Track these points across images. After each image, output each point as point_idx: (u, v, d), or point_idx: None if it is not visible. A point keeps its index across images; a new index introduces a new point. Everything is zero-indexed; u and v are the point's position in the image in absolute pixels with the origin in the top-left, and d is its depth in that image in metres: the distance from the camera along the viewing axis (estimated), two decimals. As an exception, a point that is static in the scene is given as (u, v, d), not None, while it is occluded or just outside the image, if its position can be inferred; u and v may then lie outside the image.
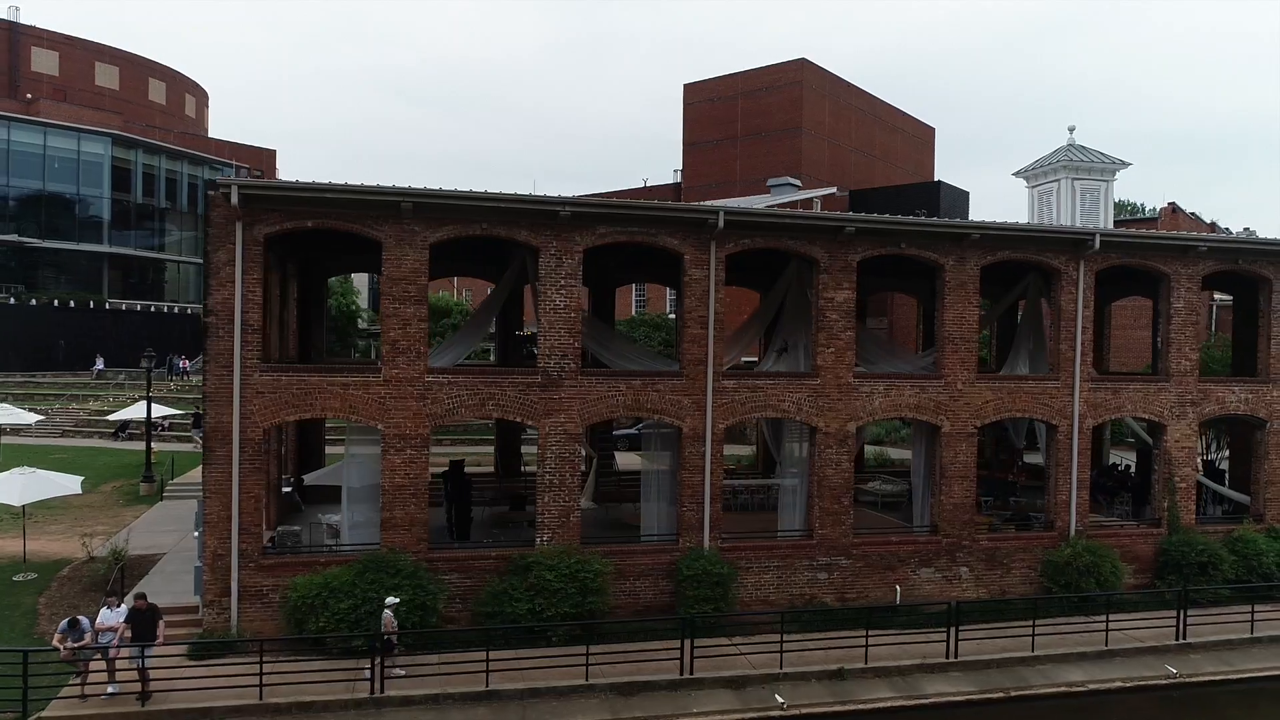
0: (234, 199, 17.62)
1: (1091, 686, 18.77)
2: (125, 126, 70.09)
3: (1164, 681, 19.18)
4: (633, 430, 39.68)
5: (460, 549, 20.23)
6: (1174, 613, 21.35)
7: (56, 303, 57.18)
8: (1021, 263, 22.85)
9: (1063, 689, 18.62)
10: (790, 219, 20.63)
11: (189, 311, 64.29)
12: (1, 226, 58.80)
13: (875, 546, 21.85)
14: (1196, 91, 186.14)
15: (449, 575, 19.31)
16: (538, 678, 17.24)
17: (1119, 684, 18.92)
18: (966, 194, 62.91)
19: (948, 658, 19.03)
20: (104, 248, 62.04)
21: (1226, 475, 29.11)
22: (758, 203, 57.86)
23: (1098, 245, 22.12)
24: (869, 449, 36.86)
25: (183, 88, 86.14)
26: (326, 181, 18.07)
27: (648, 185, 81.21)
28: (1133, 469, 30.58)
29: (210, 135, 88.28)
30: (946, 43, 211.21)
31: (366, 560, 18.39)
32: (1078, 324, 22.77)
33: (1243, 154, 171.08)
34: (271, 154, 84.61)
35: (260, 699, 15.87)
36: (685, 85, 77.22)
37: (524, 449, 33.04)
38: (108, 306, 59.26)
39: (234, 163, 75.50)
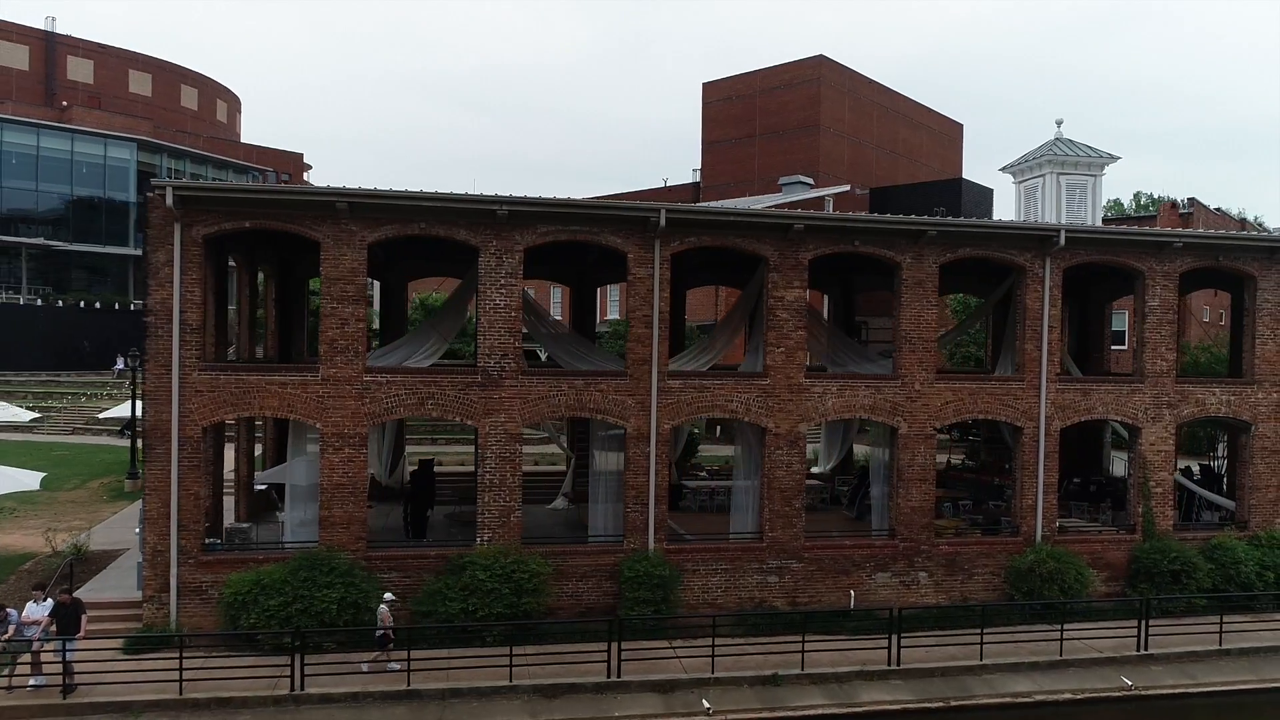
0: (169, 200, 17.88)
1: (1039, 697, 18.16)
2: (155, 132, 71.97)
3: (1118, 694, 18.48)
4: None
5: (399, 548, 20.30)
6: (1142, 622, 20.66)
7: (83, 304, 58.89)
8: (986, 260, 22.23)
9: (1007, 699, 18.05)
10: (734, 216, 20.30)
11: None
12: (32, 230, 60.78)
13: (828, 550, 21.41)
14: (1262, 86, 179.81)
15: (388, 574, 19.36)
16: (463, 678, 17.19)
17: (1068, 695, 18.28)
18: (990, 191, 61.45)
19: (889, 665, 18.56)
20: (130, 250, 63.68)
21: (1224, 480, 28.10)
22: (770, 201, 57.27)
23: (1063, 241, 21.41)
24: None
25: (214, 93, 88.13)
26: (260, 184, 18.23)
27: (667, 185, 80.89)
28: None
29: (242, 140, 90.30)
30: (992, 38, 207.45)
31: (301, 558, 18.51)
32: (1044, 322, 22.07)
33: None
34: (299, 157, 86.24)
35: (180, 694, 16.06)
36: (704, 84, 76.89)
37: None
38: (132, 307, 60.83)
39: (260, 166, 77.15)
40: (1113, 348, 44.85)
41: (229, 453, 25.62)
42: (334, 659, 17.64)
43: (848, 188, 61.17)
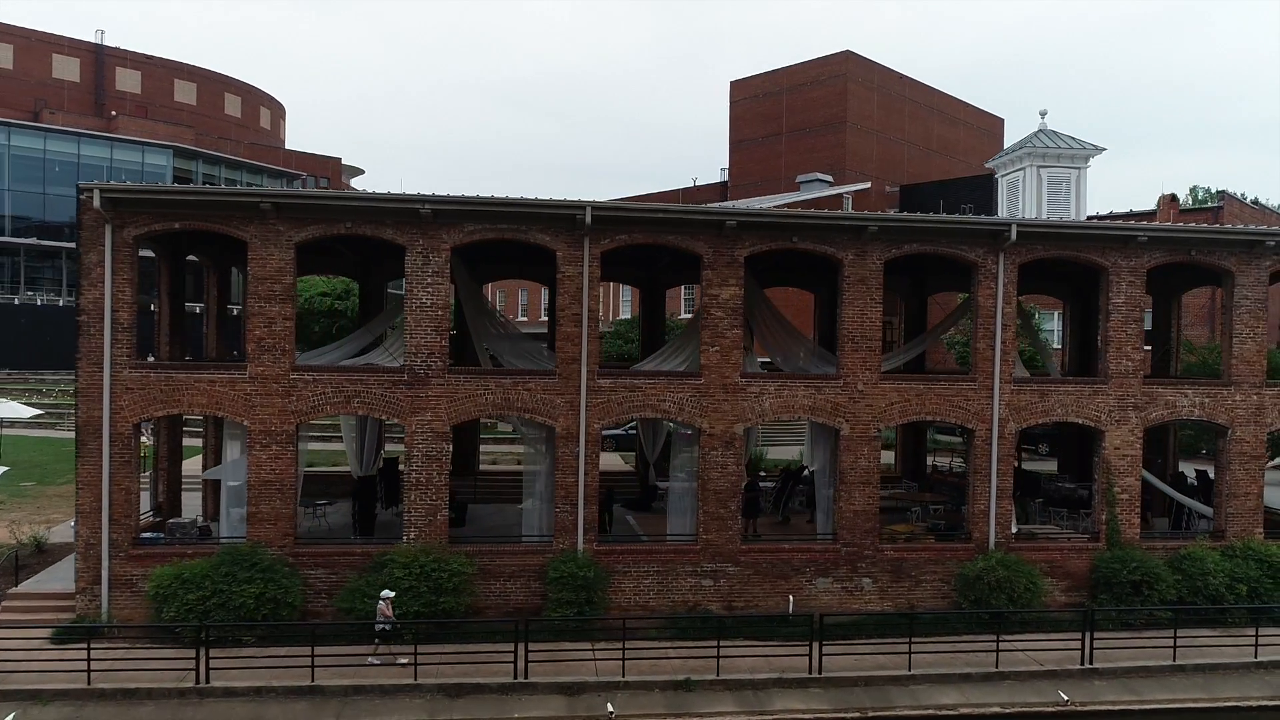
0: (97, 202, 18.35)
1: (964, 710, 17.44)
2: (197, 139, 74.32)
3: (1051, 709, 17.64)
4: (620, 431, 39.38)
5: (327, 545, 20.49)
6: (1100, 634, 19.74)
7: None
8: (937, 256, 21.49)
9: (929, 712, 17.37)
10: (663, 213, 19.97)
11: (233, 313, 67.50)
12: (74, 235, 63.29)
13: (766, 554, 20.93)
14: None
15: (314, 570, 19.56)
16: (368, 675, 17.26)
17: (996, 709, 17.52)
18: None
19: (811, 672, 18.04)
20: (166, 253, 65.78)
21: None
22: (788, 200, 56.44)
23: (1014, 236, 20.57)
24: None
25: (257, 100, 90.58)
26: (187, 186, 18.59)
27: (695, 185, 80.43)
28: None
29: (288, 145, 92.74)
30: (1068, 31, 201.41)
31: (224, 553, 18.81)
32: (997, 320, 21.22)
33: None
34: (336, 161, 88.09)
35: (88, 684, 16.44)
36: (732, 82, 76.29)
37: (483, 448, 33.36)
38: (152, 309, 62.71)
39: (296, 171, 79.00)
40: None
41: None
42: (252, 653, 17.89)
43: (867, 185, 60.06)
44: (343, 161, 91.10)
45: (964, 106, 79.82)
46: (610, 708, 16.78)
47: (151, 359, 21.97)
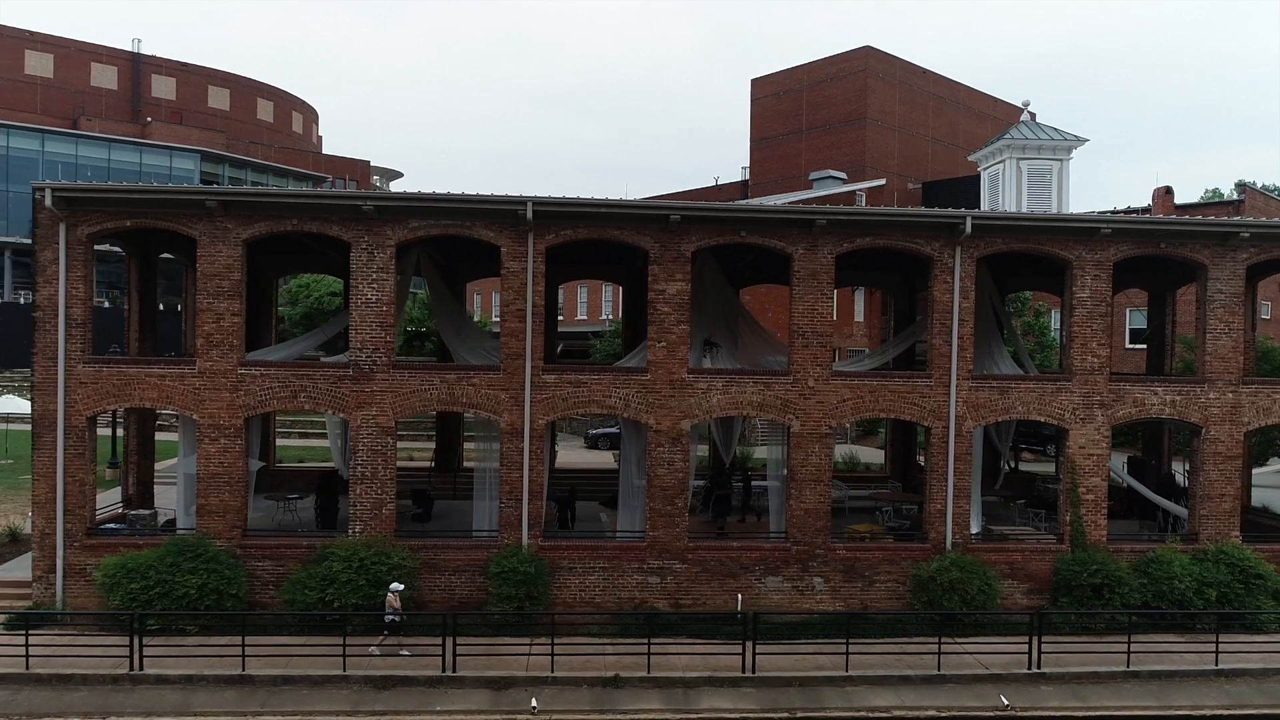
0: (49, 201, 18.85)
1: (897, 713, 17.04)
2: (227, 144, 76.17)
3: (989, 714, 17.14)
4: (616, 430, 39.32)
5: (274, 537, 20.76)
6: (1059, 639, 19.22)
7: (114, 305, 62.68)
8: (890, 250, 21.06)
9: (861, 714, 17.00)
10: (606, 207, 19.89)
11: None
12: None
13: (714, 552, 20.71)
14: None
15: (261, 562, 19.86)
16: (301, 665, 17.45)
17: (932, 713, 17.08)
18: None
19: (743, 672, 17.80)
20: (193, 255, 67.49)
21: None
22: (801, 198, 55.79)
23: (969, 229, 20.07)
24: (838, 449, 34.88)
25: (290, 106, 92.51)
26: (134, 184, 19.00)
27: (718, 185, 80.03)
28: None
29: (326, 151, 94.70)
30: (1126, 29, 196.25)
31: (171, 544, 19.19)
32: (954, 316, 20.73)
33: None
34: (365, 164, 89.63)
35: (26, 669, 16.90)
36: (753, 80, 75.78)
37: (466, 445, 33.46)
38: (179, 309, 64.22)
39: (324, 174, 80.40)
40: (1129, 345, 41.98)
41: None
42: (196, 642, 18.24)
43: (883, 182, 59.07)
44: (384, 166, 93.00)
45: (992, 101, 78.16)
46: (534, 703, 16.74)
47: (116, 352, 22.50)
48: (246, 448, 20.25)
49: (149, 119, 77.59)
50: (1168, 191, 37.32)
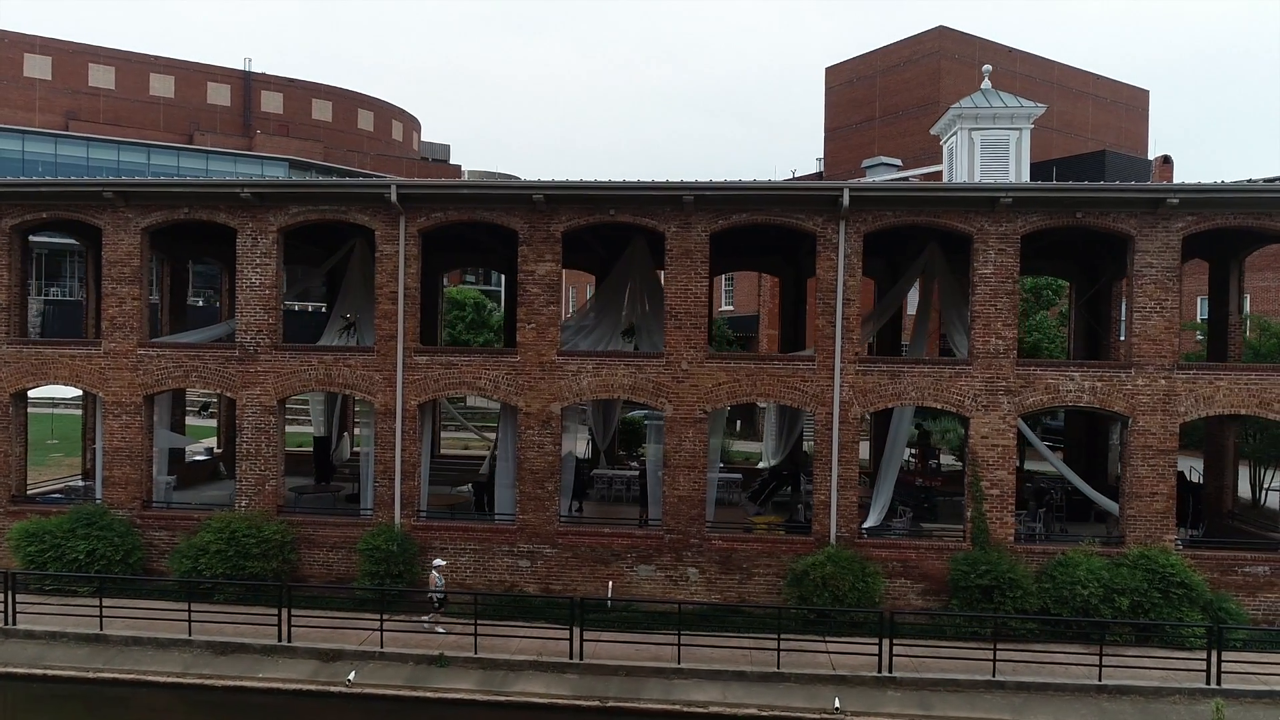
0: (-29, 196, 20.71)
1: (714, 709, 16.19)
2: (326, 153, 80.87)
3: (813, 715, 16.03)
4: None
5: (170, 509, 21.88)
6: (940, 642, 17.91)
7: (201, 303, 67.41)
8: (771, 227, 20.02)
9: (677, 707, 16.26)
10: (470, 189, 19.88)
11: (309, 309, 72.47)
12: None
13: (585, 538, 20.30)
14: None
15: (158, 532, 21.05)
16: (154, 629, 18.36)
17: (753, 711, 16.13)
18: (1148, 164, 53.66)
19: (570, 658, 17.38)
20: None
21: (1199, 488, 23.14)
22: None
23: (847, 201, 18.80)
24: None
25: (389, 115, 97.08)
26: (41, 179, 20.58)
27: (795, 176, 77.93)
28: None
29: (420, 155, 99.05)
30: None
31: (73, 512, 20.62)
32: (838, 295, 19.48)
33: None
34: (456, 168, 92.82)
35: (-86, 622, 18.63)
36: (826, 69, 73.58)
37: (460, 434, 34.18)
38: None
39: (410, 177, 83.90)
40: (1198, 338, 37.80)
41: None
42: (81, 603, 19.49)
43: (940, 168, 55.70)
44: (497, 170, 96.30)
45: (1093, 79, 72.62)
46: (351, 675, 16.96)
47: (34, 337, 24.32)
48: (149, 423, 21.51)
49: (257, 131, 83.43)
50: (1165, 160, 33.50)
